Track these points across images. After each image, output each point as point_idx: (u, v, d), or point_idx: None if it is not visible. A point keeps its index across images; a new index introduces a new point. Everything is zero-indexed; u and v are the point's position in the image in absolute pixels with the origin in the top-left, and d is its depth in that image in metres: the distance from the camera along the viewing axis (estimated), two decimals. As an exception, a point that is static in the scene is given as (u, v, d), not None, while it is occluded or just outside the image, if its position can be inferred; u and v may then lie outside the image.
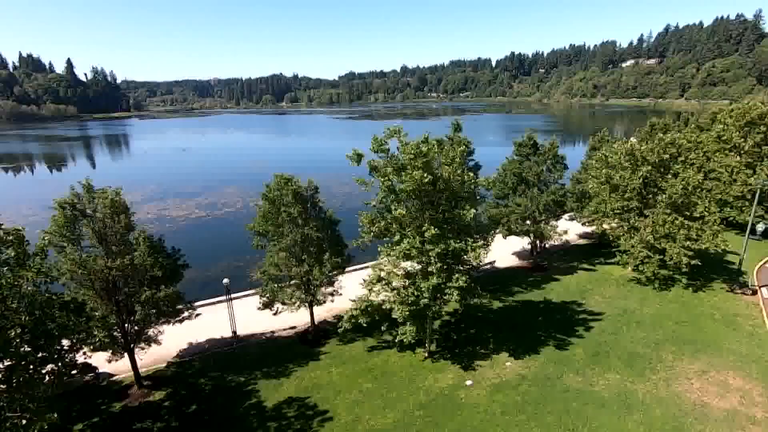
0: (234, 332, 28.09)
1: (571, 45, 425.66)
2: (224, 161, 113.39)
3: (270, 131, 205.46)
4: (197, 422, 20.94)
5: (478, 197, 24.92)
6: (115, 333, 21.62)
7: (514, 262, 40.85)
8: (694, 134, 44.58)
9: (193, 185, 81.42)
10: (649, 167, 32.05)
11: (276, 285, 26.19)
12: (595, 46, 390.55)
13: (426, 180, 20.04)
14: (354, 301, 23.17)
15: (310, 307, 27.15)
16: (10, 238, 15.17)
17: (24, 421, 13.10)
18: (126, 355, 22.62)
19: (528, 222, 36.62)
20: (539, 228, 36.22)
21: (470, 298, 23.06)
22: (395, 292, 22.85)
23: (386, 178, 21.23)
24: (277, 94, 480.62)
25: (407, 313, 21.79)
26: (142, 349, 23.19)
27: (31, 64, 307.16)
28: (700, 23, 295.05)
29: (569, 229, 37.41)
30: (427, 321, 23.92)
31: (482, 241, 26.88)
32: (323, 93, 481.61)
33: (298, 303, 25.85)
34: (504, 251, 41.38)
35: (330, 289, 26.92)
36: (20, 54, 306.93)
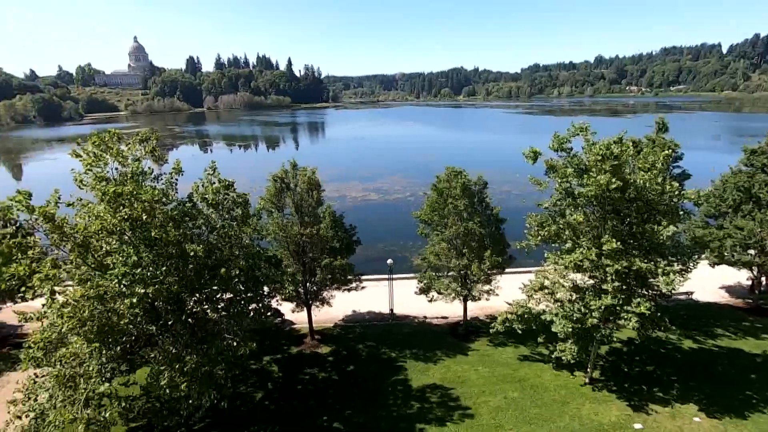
0: (391, 310, 30.24)
1: None
2: (398, 150, 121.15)
3: (443, 124, 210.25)
4: (352, 382, 23.44)
5: (681, 213, 20.66)
6: (299, 289, 25.74)
7: (721, 297, 32.81)
8: None
9: (370, 170, 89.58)
10: None
11: (434, 273, 27.01)
12: None
13: (613, 186, 17.56)
14: (510, 304, 22.20)
15: (465, 301, 27.18)
16: (240, 200, 19.44)
17: (235, 344, 16.85)
18: (305, 309, 26.71)
19: (752, 252, 28.74)
20: (769, 261, 28.06)
21: (653, 329, 19.52)
22: (558, 304, 20.98)
23: (565, 179, 19.44)
24: (455, 87, 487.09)
25: (570, 329, 19.77)
26: (317, 307, 26.98)
27: (264, 62, 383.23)
28: None
29: (820, 270, 27.94)
30: (593, 344, 21.29)
31: (679, 266, 22.29)
32: (502, 86, 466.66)
33: (453, 295, 26.17)
34: (709, 282, 33.53)
35: (486, 287, 26.40)
36: (257, 55, 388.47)
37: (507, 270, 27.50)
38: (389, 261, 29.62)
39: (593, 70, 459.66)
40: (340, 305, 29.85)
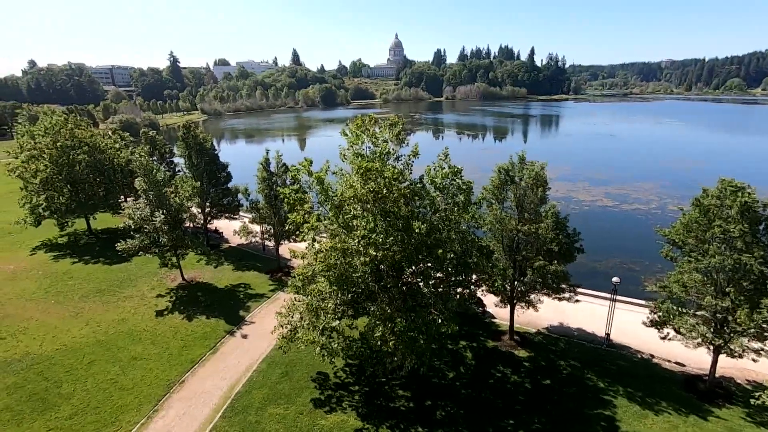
0: (607, 334, 26.32)
1: None
2: (647, 154, 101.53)
3: (723, 125, 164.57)
4: (546, 397, 21.77)
5: None
6: (507, 285, 25.18)
7: None
8: None
9: (606, 173, 78.72)
10: None
11: (675, 307, 21.91)
12: None
13: None
14: (796, 377, 16.09)
15: (716, 352, 21.18)
16: (465, 187, 20.15)
17: (439, 321, 17.97)
18: (508, 307, 26.06)
19: None
20: None
21: None
22: None
23: None
24: (752, 78, 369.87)
25: None
26: (522, 308, 25.86)
27: (504, 53, 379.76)
28: None
29: None
30: None
31: None
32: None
33: (699, 340, 20.74)
34: None
35: (756, 345, 19.78)
36: (499, 46, 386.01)
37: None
38: (615, 279, 25.60)
39: None
40: (547, 313, 27.81)
